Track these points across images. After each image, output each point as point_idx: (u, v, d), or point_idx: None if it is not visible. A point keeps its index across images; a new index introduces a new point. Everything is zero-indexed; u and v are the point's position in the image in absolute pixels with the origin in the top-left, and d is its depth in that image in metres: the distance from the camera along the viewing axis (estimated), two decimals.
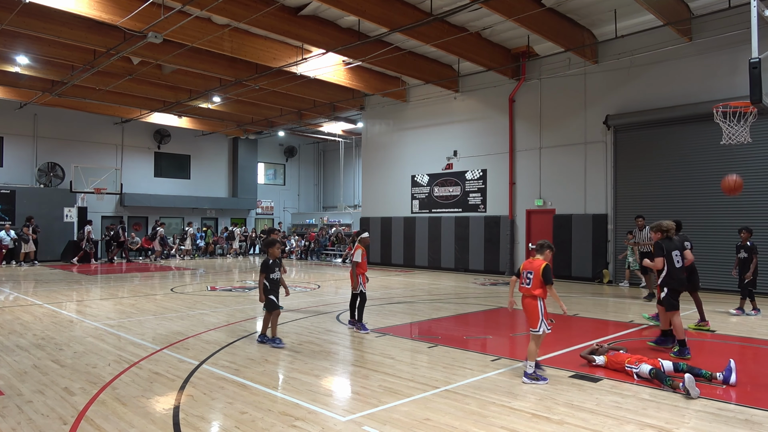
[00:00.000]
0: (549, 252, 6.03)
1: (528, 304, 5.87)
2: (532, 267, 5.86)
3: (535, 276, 5.79)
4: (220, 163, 30.59)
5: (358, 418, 4.71)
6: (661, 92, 14.90)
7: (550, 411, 4.90)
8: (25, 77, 19.03)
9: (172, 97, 21.34)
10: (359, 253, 8.58)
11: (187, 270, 20.03)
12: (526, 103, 18.06)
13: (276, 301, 7.56)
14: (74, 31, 14.21)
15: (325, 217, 30.47)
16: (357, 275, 8.54)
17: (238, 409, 4.95)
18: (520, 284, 5.97)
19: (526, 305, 5.90)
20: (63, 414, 4.80)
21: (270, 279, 7.51)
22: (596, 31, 15.63)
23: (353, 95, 21.85)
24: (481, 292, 14.06)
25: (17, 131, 23.93)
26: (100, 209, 25.64)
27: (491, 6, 12.39)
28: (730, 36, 13.20)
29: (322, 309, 10.88)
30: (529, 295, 5.85)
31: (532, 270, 5.84)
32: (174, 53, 15.40)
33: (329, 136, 30.09)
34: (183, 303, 11.54)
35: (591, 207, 16.37)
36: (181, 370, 6.24)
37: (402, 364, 6.60)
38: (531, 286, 5.81)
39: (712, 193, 14.01)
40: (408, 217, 21.63)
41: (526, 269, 5.92)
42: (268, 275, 7.50)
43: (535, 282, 5.78)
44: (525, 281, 5.88)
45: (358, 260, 8.53)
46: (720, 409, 4.96)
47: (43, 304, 11.10)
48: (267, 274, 7.50)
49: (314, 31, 14.61)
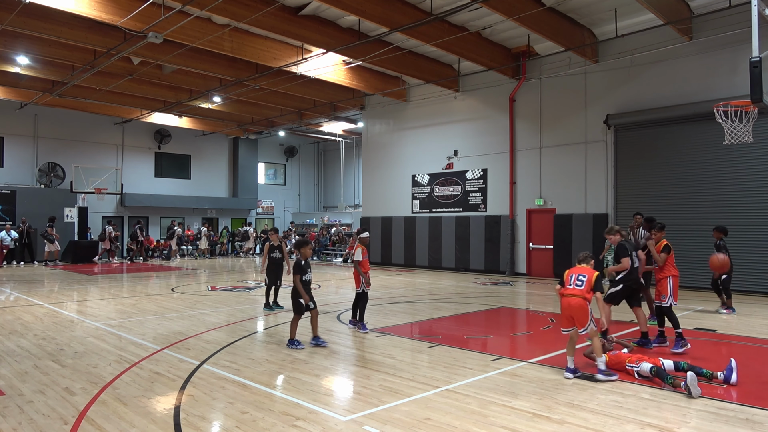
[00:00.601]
0: (592, 261, 6.43)
1: (578, 305, 5.97)
2: (585, 271, 6.16)
3: (588, 280, 6.05)
4: (221, 163, 30.59)
5: (358, 418, 4.71)
6: (662, 91, 14.89)
7: (551, 410, 4.90)
8: (25, 77, 19.04)
9: (173, 97, 21.34)
10: (359, 251, 8.55)
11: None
12: (527, 102, 18.06)
13: (303, 305, 7.41)
14: (74, 31, 14.21)
15: (326, 217, 30.48)
16: (362, 273, 8.49)
17: (239, 408, 4.95)
18: (565, 286, 6.15)
19: (575, 305, 5.99)
20: (64, 414, 4.80)
21: (303, 280, 7.41)
22: (596, 30, 15.62)
23: (353, 95, 21.84)
24: (482, 291, 14.06)
25: (18, 131, 23.95)
26: (100, 209, 25.66)
27: (491, 5, 12.38)
28: (730, 35, 13.18)
29: (323, 309, 10.86)
30: (580, 296, 5.99)
31: (585, 273, 6.11)
32: (174, 53, 15.40)
33: (329, 136, 30.10)
34: (183, 303, 11.55)
35: (591, 206, 16.36)
36: (182, 370, 6.24)
37: (403, 363, 6.59)
38: (584, 287, 6.01)
39: (713, 192, 14.01)
40: (408, 216, 21.63)
41: (577, 272, 6.17)
42: (302, 276, 7.39)
43: (587, 285, 6.02)
44: (577, 283, 6.07)
45: (359, 258, 8.49)
46: (721, 409, 4.96)
47: (43, 305, 11.11)
48: (301, 275, 7.39)
49: (314, 30, 14.60)
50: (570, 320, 6.03)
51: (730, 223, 13.30)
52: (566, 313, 6.08)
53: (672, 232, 7.02)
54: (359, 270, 8.49)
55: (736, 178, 13.65)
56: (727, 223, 13.26)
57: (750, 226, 13.35)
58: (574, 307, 5.98)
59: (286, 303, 11.28)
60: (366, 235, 8.99)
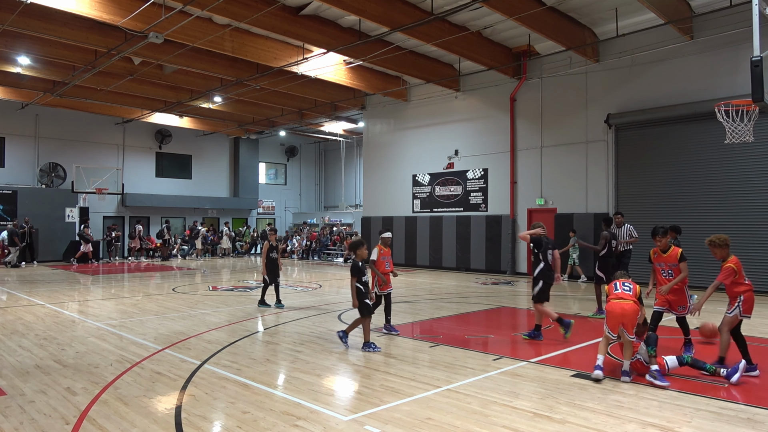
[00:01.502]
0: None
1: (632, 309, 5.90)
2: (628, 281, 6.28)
3: (634, 288, 6.12)
4: (222, 163, 30.61)
5: (359, 418, 4.71)
6: (663, 91, 14.88)
7: (552, 410, 4.90)
8: (26, 78, 19.06)
9: (173, 97, 21.35)
10: (376, 251, 8.21)
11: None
12: (527, 102, 18.05)
13: (370, 305, 7.41)
14: (75, 31, 14.22)
15: (327, 217, 30.49)
16: (379, 274, 8.13)
17: (240, 408, 4.95)
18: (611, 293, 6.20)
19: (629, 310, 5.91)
20: (65, 414, 4.80)
21: (362, 282, 7.30)
22: (597, 29, 15.61)
23: (354, 95, 21.85)
24: (483, 291, 14.05)
25: (19, 132, 23.97)
26: (101, 209, 25.68)
27: (492, 5, 12.38)
28: (731, 34, 13.17)
29: (324, 308, 10.88)
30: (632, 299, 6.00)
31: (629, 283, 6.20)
32: (175, 53, 15.41)
33: (330, 136, 30.10)
34: (184, 303, 11.55)
35: (592, 206, 16.35)
36: (183, 369, 6.24)
37: (403, 363, 6.59)
38: (632, 293, 6.07)
39: (714, 191, 14.00)
40: (409, 216, 21.62)
41: (621, 281, 6.25)
42: (360, 278, 7.28)
43: (635, 293, 6.08)
44: (624, 288, 6.13)
45: (374, 258, 8.14)
46: (722, 408, 4.95)
47: (45, 305, 11.12)
48: (359, 277, 7.27)
49: (315, 30, 14.61)
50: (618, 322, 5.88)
51: (732, 223, 13.33)
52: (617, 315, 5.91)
53: None
54: (375, 270, 8.12)
55: (737, 178, 13.64)
56: (729, 223, 13.31)
57: (752, 226, 13.34)
58: (624, 310, 5.87)
59: (290, 303, 11.31)
60: (388, 235, 8.66)
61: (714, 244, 6.21)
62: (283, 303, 10.91)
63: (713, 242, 6.22)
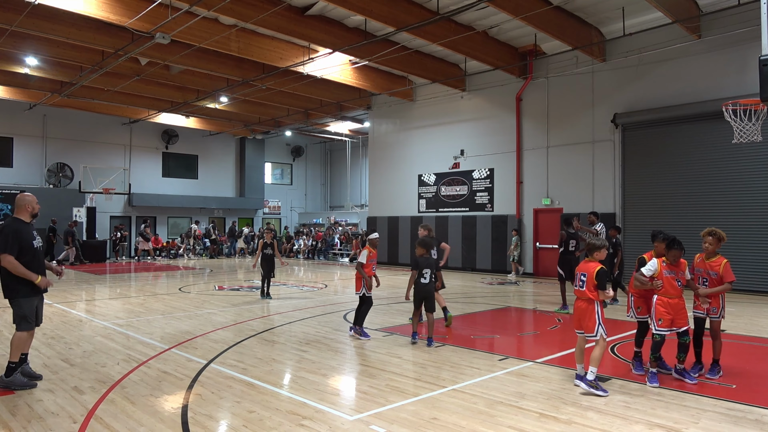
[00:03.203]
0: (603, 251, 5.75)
1: (581, 307, 5.62)
2: (588, 268, 5.57)
3: (588, 278, 5.51)
4: (228, 163, 30.70)
5: (365, 417, 4.71)
6: (670, 90, 14.79)
7: (558, 410, 4.88)
8: (34, 78, 19.17)
9: (180, 97, 21.43)
10: (365, 253, 8.15)
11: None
12: (534, 101, 18.00)
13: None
14: (83, 32, 14.29)
15: (332, 217, 30.52)
16: (365, 277, 8.01)
17: (246, 408, 4.96)
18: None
19: (579, 307, 5.65)
20: (73, 412, 4.83)
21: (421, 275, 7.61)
22: (604, 29, 15.54)
23: (360, 95, 21.85)
24: (489, 291, 14.03)
25: (27, 132, 24.13)
26: (108, 209, 25.80)
27: (498, 4, 12.35)
28: (739, 33, 13.08)
29: (329, 308, 10.89)
30: (582, 297, 5.58)
31: (585, 271, 5.57)
32: (181, 54, 15.47)
33: (336, 136, 30.12)
34: (191, 302, 11.60)
35: (599, 206, 16.27)
36: (190, 369, 6.26)
37: (409, 363, 6.59)
38: (585, 287, 5.52)
39: (721, 191, 13.91)
40: (415, 216, 21.61)
41: (581, 270, 5.65)
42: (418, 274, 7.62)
43: (589, 284, 5.50)
44: (578, 283, 5.62)
45: (362, 261, 8.08)
46: (729, 409, 4.92)
47: (52, 304, 11.18)
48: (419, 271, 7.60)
49: (321, 30, 14.62)
50: (578, 322, 5.67)
51: (739, 223, 13.24)
52: (575, 315, 5.74)
53: (678, 232, 6.85)
54: (362, 273, 8.02)
55: (745, 178, 13.54)
56: (736, 223, 13.22)
57: (760, 226, 13.24)
58: (577, 309, 5.66)
59: (292, 302, 11.32)
60: (375, 236, 8.57)
61: (716, 236, 5.86)
62: (270, 296, 12.13)
63: (716, 234, 5.87)
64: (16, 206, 5.73)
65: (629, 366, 6.35)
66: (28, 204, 5.71)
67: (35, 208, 5.77)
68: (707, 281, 6.00)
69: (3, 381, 5.49)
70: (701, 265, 6.07)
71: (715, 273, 5.90)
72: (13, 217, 5.69)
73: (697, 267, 6.12)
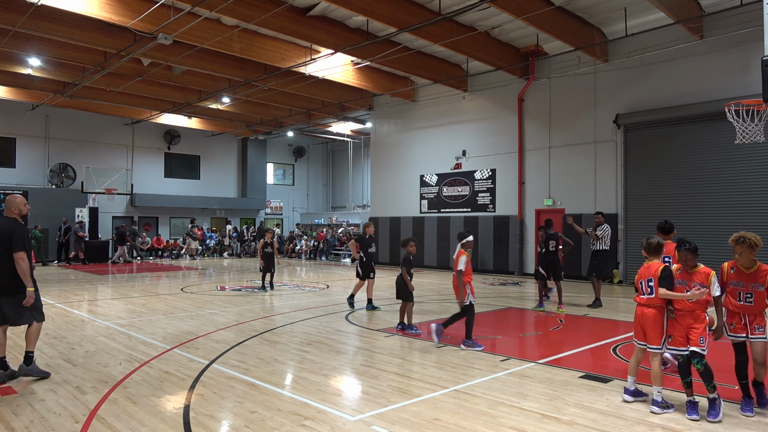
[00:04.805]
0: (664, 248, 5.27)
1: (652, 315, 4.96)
2: (651, 272, 4.96)
3: (654, 283, 4.92)
4: (230, 163, 30.73)
5: (367, 418, 4.71)
6: (672, 91, 14.77)
7: (560, 411, 4.87)
8: (37, 79, 19.22)
9: (182, 98, 21.47)
10: (464, 260, 7.43)
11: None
12: (536, 102, 17.99)
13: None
14: (85, 33, 14.33)
15: (334, 217, 30.53)
16: (464, 285, 7.44)
17: (248, 408, 4.97)
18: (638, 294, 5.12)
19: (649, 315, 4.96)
20: (75, 412, 4.84)
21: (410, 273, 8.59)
22: (606, 29, 15.53)
23: (362, 95, 21.86)
24: (491, 292, 14.02)
25: (29, 132, 24.19)
26: (110, 209, 25.85)
27: (500, 5, 12.35)
28: (742, 33, 13.06)
29: (331, 309, 10.89)
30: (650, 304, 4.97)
31: (651, 276, 4.95)
32: (184, 54, 15.50)
33: (338, 136, 30.15)
34: (193, 302, 11.61)
35: (601, 206, 16.24)
36: (191, 369, 6.27)
37: (411, 363, 6.59)
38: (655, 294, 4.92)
39: (723, 192, 13.89)
40: (417, 217, 21.61)
41: (647, 275, 4.98)
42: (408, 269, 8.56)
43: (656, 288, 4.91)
44: (647, 289, 4.98)
45: (462, 268, 7.39)
46: (732, 410, 4.91)
47: (55, 304, 11.21)
48: (408, 267, 8.55)
49: (323, 31, 14.64)
50: (641, 333, 5.03)
51: (743, 224, 13.18)
52: (637, 324, 5.09)
53: (681, 233, 6.85)
54: (460, 280, 7.40)
55: (747, 178, 13.52)
56: (738, 223, 13.16)
57: (763, 226, 13.20)
58: (642, 317, 5.00)
59: (295, 303, 11.32)
60: (470, 239, 7.69)
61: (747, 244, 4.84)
62: (267, 288, 13.52)
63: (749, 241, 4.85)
64: (6, 207, 5.84)
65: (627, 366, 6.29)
66: (15, 206, 5.83)
67: (23, 210, 5.89)
68: (751, 296, 4.80)
69: (24, 369, 5.81)
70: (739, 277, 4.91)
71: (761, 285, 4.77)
72: (16, 219, 5.81)
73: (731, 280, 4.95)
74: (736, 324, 4.88)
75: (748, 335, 4.82)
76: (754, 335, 4.80)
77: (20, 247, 5.53)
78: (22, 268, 5.54)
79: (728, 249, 5.11)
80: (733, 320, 4.89)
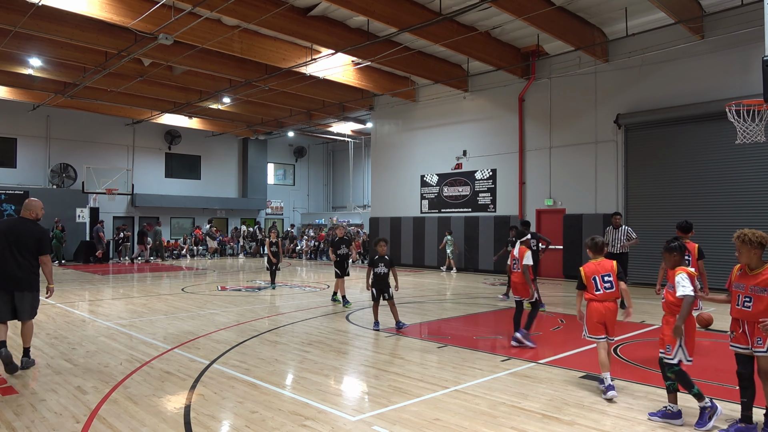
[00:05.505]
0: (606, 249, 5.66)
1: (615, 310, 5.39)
2: (608, 268, 5.34)
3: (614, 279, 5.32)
4: (230, 163, 30.75)
5: (367, 418, 4.71)
6: (673, 91, 14.77)
7: (561, 411, 4.87)
8: (38, 79, 19.24)
9: (183, 98, 21.48)
10: (528, 255, 7.38)
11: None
12: (536, 102, 17.98)
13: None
14: (86, 33, 14.34)
15: (335, 218, 30.53)
16: (530, 281, 7.41)
17: (249, 408, 4.97)
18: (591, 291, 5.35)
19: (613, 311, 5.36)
20: (76, 412, 4.84)
21: (375, 273, 8.83)
22: (607, 29, 15.53)
23: (362, 95, 21.87)
24: (491, 292, 14.01)
25: (30, 133, 24.21)
26: (111, 210, 25.87)
27: (500, 5, 12.35)
28: (742, 33, 13.05)
29: (332, 309, 10.90)
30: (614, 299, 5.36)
31: (609, 271, 5.33)
32: (184, 54, 15.50)
33: (338, 137, 30.15)
34: (194, 303, 11.61)
35: (602, 206, 16.27)
36: (192, 369, 6.27)
37: (411, 364, 6.59)
38: (615, 289, 5.33)
39: (724, 192, 13.88)
40: (417, 217, 21.61)
41: (602, 271, 5.33)
42: (373, 269, 8.84)
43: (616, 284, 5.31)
44: (605, 285, 5.32)
45: (530, 263, 7.38)
46: (734, 411, 4.90)
47: (55, 304, 11.21)
48: (373, 268, 8.83)
49: (323, 31, 14.64)
50: (603, 328, 5.35)
51: (744, 224, 13.13)
52: (600, 321, 5.35)
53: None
54: (527, 276, 7.36)
55: (748, 178, 13.51)
56: (739, 224, 13.10)
57: (763, 227, 13.20)
58: (613, 312, 5.35)
59: (296, 303, 11.32)
60: (529, 237, 7.94)
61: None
62: (274, 285, 14.20)
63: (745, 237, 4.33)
64: (25, 209, 6.35)
65: (630, 366, 6.31)
66: (33, 210, 6.36)
67: (39, 214, 6.43)
68: (750, 300, 4.25)
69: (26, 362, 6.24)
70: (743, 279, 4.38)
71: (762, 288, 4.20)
72: (38, 223, 6.37)
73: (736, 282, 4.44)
74: (736, 332, 4.37)
75: (751, 347, 4.25)
76: (756, 348, 4.22)
77: (48, 250, 6.30)
78: (49, 269, 6.31)
79: (729, 249, 5.02)
80: (734, 328, 4.41)
